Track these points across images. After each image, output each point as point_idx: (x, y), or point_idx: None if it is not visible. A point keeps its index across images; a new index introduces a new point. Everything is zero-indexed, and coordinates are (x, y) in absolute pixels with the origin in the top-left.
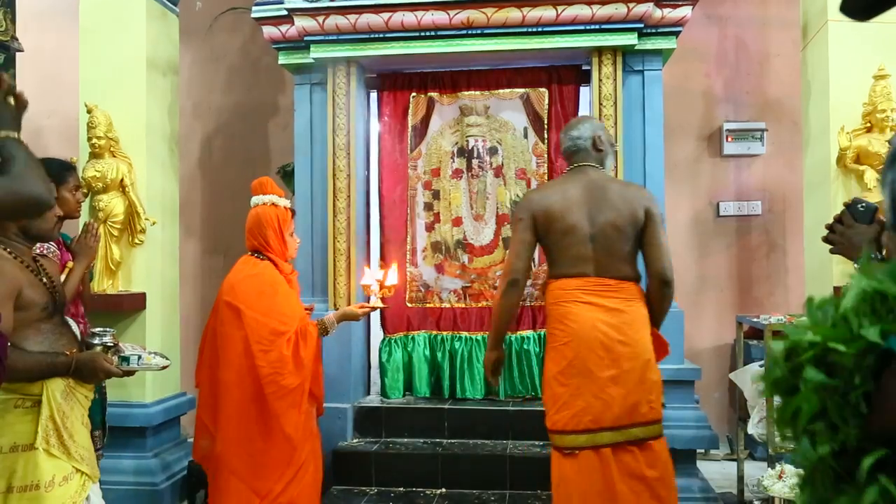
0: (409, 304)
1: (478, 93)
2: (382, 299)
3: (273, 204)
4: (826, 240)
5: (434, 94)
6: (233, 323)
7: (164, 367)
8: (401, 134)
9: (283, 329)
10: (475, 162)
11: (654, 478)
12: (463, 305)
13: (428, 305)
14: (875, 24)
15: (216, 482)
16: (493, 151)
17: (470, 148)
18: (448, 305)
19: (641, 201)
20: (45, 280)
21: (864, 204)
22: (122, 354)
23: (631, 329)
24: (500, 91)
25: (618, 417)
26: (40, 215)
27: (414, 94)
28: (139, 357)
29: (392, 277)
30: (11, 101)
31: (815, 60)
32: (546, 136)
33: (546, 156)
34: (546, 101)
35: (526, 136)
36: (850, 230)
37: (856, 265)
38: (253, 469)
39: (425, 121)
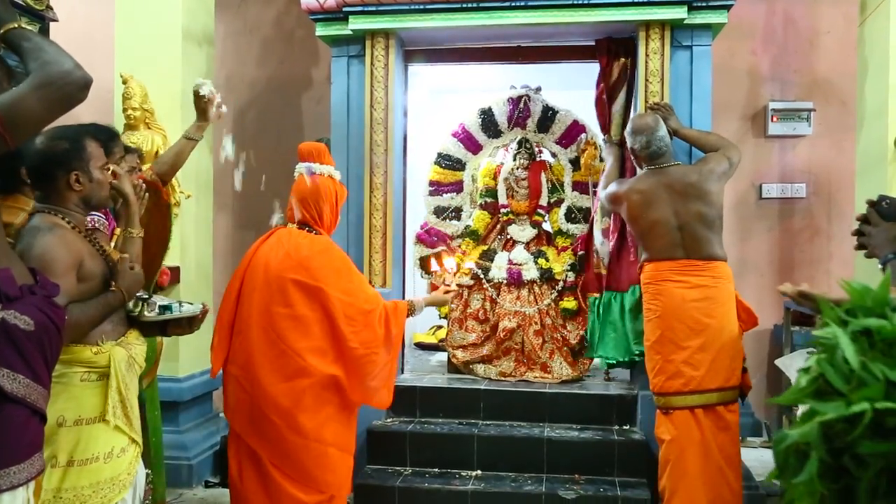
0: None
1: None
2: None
3: (330, 177)
4: (858, 245)
5: None
6: (305, 303)
7: (204, 312)
8: None
9: (370, 308)
10: None
11: (729, 436)
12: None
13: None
14: None
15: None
16: None
17: None
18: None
19: None
20: (100, 251)
21: (888, 200)
22: (162, 304)
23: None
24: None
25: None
26: (85, 92)
27: None
28: (179, 303)
29: (451, 263)
30: None
31: (874, 36)
32: None
33: None
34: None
35: None
36: (877, 229)
37: (880, 265)
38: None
39: None
